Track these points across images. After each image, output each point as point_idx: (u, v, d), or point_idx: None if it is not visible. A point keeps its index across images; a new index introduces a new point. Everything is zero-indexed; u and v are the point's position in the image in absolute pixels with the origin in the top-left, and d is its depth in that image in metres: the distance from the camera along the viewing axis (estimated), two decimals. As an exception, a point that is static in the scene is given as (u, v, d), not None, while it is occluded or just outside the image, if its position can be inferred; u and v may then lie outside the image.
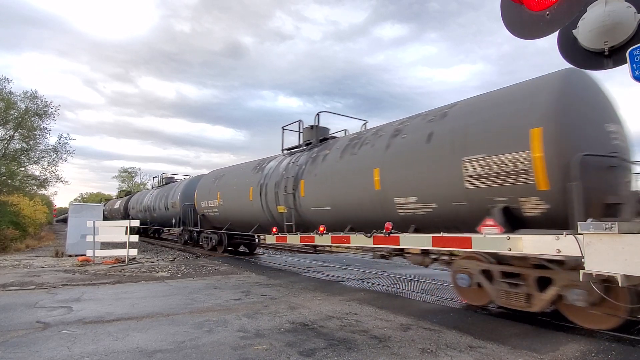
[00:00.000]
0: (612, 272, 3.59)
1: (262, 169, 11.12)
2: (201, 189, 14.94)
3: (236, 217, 12.39)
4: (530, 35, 3.09)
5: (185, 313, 5.43)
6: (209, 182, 14.60)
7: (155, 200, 21.31)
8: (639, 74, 2.75)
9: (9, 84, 22.12)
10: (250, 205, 11.15)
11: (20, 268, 10.36)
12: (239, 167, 13.37)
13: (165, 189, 20.68)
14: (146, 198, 23.67)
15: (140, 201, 24.82)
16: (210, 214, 14.10)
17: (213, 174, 14.95)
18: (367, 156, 7.29)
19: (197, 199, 15.01)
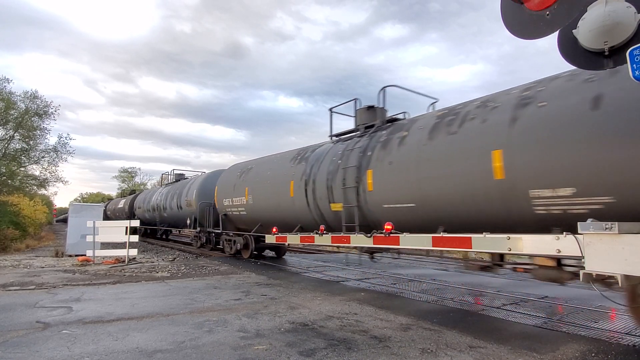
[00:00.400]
0: (612, 272, 3.58)
1: (306, 159, 9.44)
2: (223, 185, 13.20)
3: (270, 217, 10.57)
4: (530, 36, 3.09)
5: (185, 313, 5.44)
6: (232, 177, 12.85)
7: (166, 198, 19.51)
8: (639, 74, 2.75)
9: (9, 84, 22.16)
10: (291, 202, 9.47)
11: (20, 268, 10.36)
12: (273, 158, 11.54)
13: (177, 187, 18.87)
14: (155, 197, 21.79)
15: (148, 200, 23.14)
16: (234, 213, 12.44)
17: (237, 168, 13.23)
18: (476, 135, 5.57)
19: (218, 196, 13.28)
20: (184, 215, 16.84)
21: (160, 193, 21.13)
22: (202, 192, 15.36)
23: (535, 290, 7.50)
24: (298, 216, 9.41)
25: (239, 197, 11.90)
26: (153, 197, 22.27)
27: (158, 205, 20.70)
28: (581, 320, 5.34)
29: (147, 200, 23.40)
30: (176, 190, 18.41)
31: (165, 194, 19.92)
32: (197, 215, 15.18)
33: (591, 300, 6.54)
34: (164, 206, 19.68)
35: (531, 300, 6.68)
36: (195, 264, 11.52)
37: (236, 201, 12.09)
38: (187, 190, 16.79)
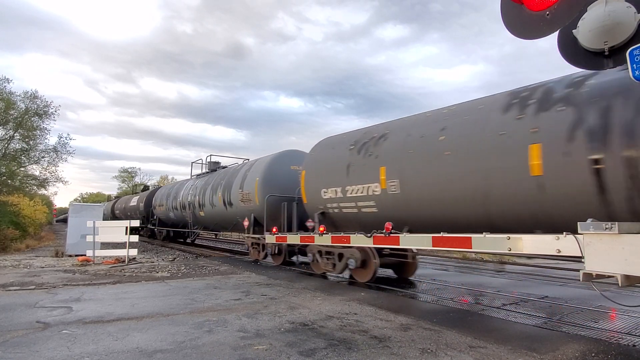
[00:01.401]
0: (612, 272, 3.59)
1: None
2: (320, 167, 8.98)
3: (445, 215, 6.33)
4: (531, 36, 3.09)
5: (185, 313, 5.44)
6: (340, 152, 8.52)
7: (202, 193, 15.16)
8: (639, 74, 2.75)
9: (9, 84, 22.16)
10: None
11: (20, 268, 10.36)
12: (460, 109, 6.53)
13: (218, 177, 14.47)
14: (184, 191, 17.30)
15: (174, 195, 18.43)
16: (347, 211, 8.19)
17: (343, 139, 8.84)
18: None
19: (310, 186, 9.10)
20: (234, 214, 12.56)
21: (193, 186, 16.47)
22: (270, 181, 10.99)
23: (535, 290, 7.50)
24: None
25: (363, 184, 7.62)
26: (182, 191, 17.61)
27: (191, 202, 16.07)
28: (581, 320, 5.34)
29: (171, 196, 18.80)
30: (219, 182, 13.97)
31: (201, 188, 15.48)
32: (265, 213, 10.60)
33: (591, 300, 6.54)
34: (199, 203, 15.24)
35: (531, 300, 6.68)
36: (195, 264, 11.52)
37: (356, 191, 7.78)
38: (241, 180, 12.33)
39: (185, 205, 16.74)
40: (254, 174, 11.74)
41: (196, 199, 15.75)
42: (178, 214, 18.07)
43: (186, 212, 16.83)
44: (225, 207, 13.34)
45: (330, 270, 8.78)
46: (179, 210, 17.74)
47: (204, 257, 13.55)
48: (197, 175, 17.75)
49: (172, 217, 19.11)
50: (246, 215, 11.89)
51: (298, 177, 10.03)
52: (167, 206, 19.28)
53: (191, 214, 16.20)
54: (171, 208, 18.68)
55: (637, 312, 5.68)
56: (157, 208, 21.20)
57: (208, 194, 14.69)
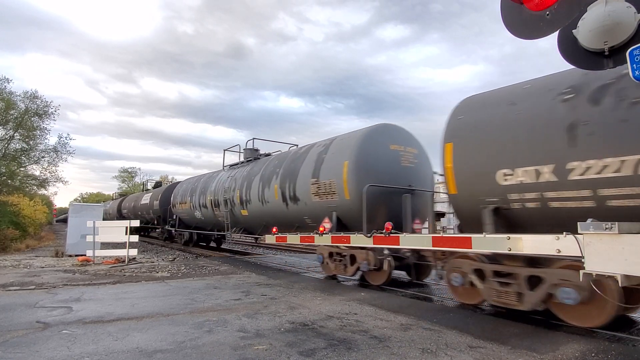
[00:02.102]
0: (612, 272, 3.59)
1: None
2: (491, 135, 5.67)
3: None
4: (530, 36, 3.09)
5: (185, 313, 5.43)
6: (539, 107, 5.18)
7: (246, 186, 11.81)
8: (639, 74, 2.75)
9: (9, 84, 22.17)
10: None
11: (20, 268, 10.36)
12: None
13: (269, 165, 11.20)
14: (216, 185, 13.99)
15: (202, 191, 15.12)
16: (561, 206, 4.91)
17: (536, 87, 5.48)
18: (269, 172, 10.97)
19: (468, 167, 5.89)
20: (301, 212, 9.58)
21: (230, 179, 13.08)
22: (366, 165, 7.99)
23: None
24: None
25: (615, 158, 4.37)
26: (212, 185, 14.44)
27: (228, 199, 12.79)
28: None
29: (197, 192, 15.56)
30: (273, 170, 10.62)
31: (243, 180, 12.13)
32: (364, 210, 7.38)
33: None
34: (241, 199, 11.99)
35: (531, 300, 6.67)
36: (195, 264, 11.52)
37: (594, 170, 4.53)
38: (313, 167, 9.06)
39: (219, 202, 13.42)
40: (338, 156, 8.42)
41: (235, 194, 12.34)
42: (208, 214, 14.71)
43: (220, 211, 13.41)
44: (285, 203, 9.91)
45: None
46: (209, 208, 14.46)
47: (204, 257, 13.55)
48: (231, 165, 14.51)
49: (199, 217, 15.72)
50: (324, 214, 8.58)
51: (401, 160, 8.31)
52: (192, 204, 15.99)
53: (228, 212, 12.73)
54: (197, 206, 15.45)
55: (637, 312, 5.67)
56: (177, 206, 17.81)
57: (256, 188, 11.29)
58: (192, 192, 16.37)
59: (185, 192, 17.19)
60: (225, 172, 14.36)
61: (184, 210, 17.15)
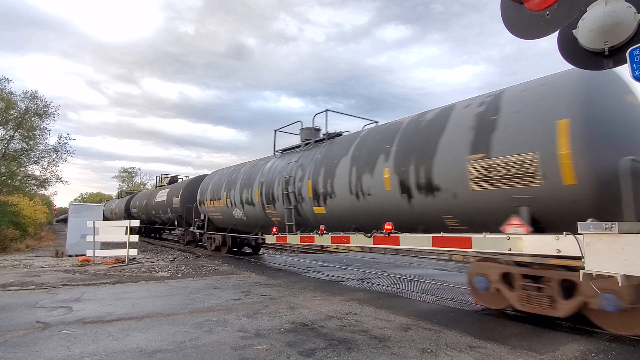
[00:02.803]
0: (612, 272, 3.58)
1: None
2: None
3: None
4: (531, 36, 3.09)
5: (185, 313, 5.43)
6: None
7: (327, 172, 8.53)
8: (639, 74, 2.75)
9: (9, 84, 22.18)
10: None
11: (20, 268, 10.36)
12: None
13: (367, 141, 7.97)
14: (268, 175, 10.79)
15: (244, 184, 11.85)
16: None
17: None
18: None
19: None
20: (443, 208, 6.20)
21: (292, 166, 9.82)
22: (606, 129, 4.79)
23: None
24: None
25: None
26: (258, 176, 11.26)
27: (294, 192, 9.49)
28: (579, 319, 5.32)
29: (237, 185, 12.31)
30: (380, 148, 7.35)
31: (317, 165, 8.95)
32: (632, 192, 4.32)
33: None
34: (317, 191, 8.70)
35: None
36: (195, 264, 11.52)
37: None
38: (472, 137, 5.72)
39: (275, 196, 10.26)
40: (536, 115, 5.15)
41: (303, 185, 9.09)
42: (254, 212, 11.40)
43: (277, 209, 10.30)
44: (406, 195, 6.64)
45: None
46: (256, 205, 11.16)
47: (204, 257, 13.55)
48: (286, 150, 11.17)
49: (239, 217, 12.41)
50: (502, 210, 5.35)
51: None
52: (230, 200, 12.68)
53: (291, 210, 9.56)
54: (237, 203, 12.24)
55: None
56: (205, 204, 14.61)
57: (344, 175, 7.90)
58: (228, 185, 12.97)
59: (218, 186, 13.77)
60: (280, 158, 10.99)
61: (217, 208, 13.68)
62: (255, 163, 12.42)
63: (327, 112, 10.10)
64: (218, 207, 13.74)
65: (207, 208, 14.65)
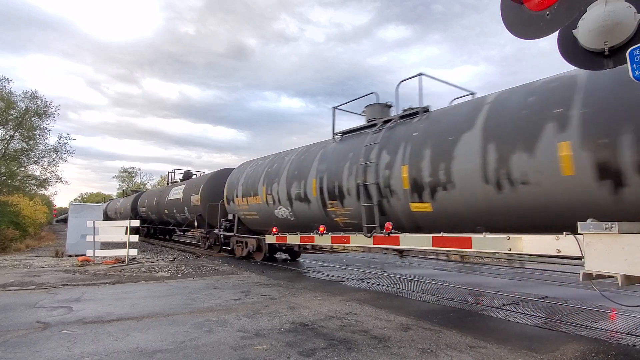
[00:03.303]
0: (612, 272, 3.59)
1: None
2: None
3: None
4: (531, 36, 3.09)
5: (185, 313, 5.43)
6: None
7: (438, 154, 6.12)
8: (639, 74, 2.75)
9: (9, 84, 22.18)
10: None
11: (20, 268, 10.36)
12: None
13: (508, 110, 5.48)
14: (335, 160, 8.46)
15: (297, 174, 9.53)
16: None
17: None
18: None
19: None
20: None
21: (370, 149, 7.51)
22: None
23: (535, 290, 7.50)
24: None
25: None
26: (318, 163, 8.98)
27: (373, 185, 7.18)
28: (581, 320, 5.33)
29: (285, 177, 9.90)
30: (545, 116, 4.96)
31: (416, 147, 6.61)
32: None
33: (591, 300, 6.54)
34: (419, 181, 6.38)
35: (531, 300, 6.68)
36: (195, 264, 11.52)
37: None
38: None
39: (345, 190, 7.90)
40: None
41: (395, 174, 6.81)
42: (309, 211, 9.16)
43: (345, 206, 8.00)
44: (611, 183, 4.44)
45: None
46: (313, 201, 8.94)
47: (204, 257, 13.55)
48: (347, 132, 9.03)
49: (285, 216, 10.09)
50: None
51: None
52: (271, 197, 10.35)
53: (374, 208, 7.15)
54: (282, 200, 9.99)
55: (637, 312, 5.68)
56: (235, 202, 12.26)
57: (467, 157, 5.81)
58: (269, 178, 10.63)
59: (253, 179, 11.46)
60: (341, 142, 8.80)
61: (253, 206, 11.38)
62: (306, 150, 10.07)
63: (421, 75, 7.59)
64: (254, 205, 11.42)
65: (237, 206, 12.36)
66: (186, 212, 16.98)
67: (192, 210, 16.23)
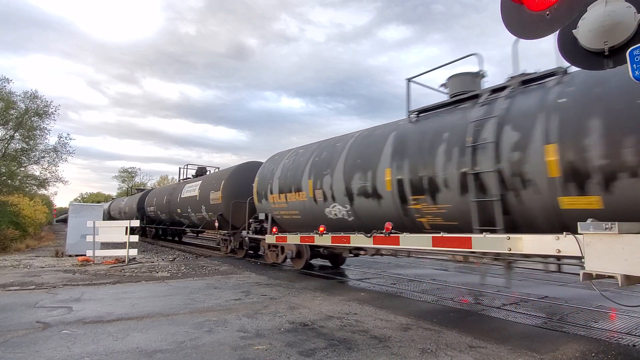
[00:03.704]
0: (612, 272, 3.58)
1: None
2: None
3: None
4: (531, 36, 3.09)
5: (185, 313, 5.43)
6: None
7: None
8: (639, 74, 2.75)
9: (9, 84, 22.19)
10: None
11: (20, 268, 10.36)
12: None
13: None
14: (420, 142, 6.61)
15: (362, 163, 7.65)
16: None
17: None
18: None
19: None
20: None
21: (495, 121, 5.54)
22: None
23: (535, 290, 7.50)
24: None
25: None
26: (401, 139, 7.11)
27: (508, 169, 5.29)
28: (581, 320, 5.33)
29: (346, 166, 8.06)
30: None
31: (569, 108, 4.80)
32: None
33: (591, 300, 6.54)
34: (613, 160, 4.34)
35: (531, 300, 6.68)
36: (195, 264, 11.52)
37: None
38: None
39: (439, 181, 6.23)
40: None
41: (527, 155, 5.16)
42: (379, 208, 7.40)
43: (438, 202, 6.33)
44: None
45: None
46: (387, 196, 7.20)
47: (204, 257, 13.55)
48: (422, 112, 7.43)
49: (340, 217, 8.45)
50: None
51: None
52: (322, 192, 8.72)
53: (494, 204, 5.52)
54: (337, 196, 8.35)
55: (637, 312, 5.68)
56: (270, 199, 10.67)
57: None
58: (317, 169, 8.94)
59: (294, 172, 9.74)
60: (427, 120, 7.06)
61: (294, 204, 9.71)
62: (369, 133, 8.25)
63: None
64: (295, 203, 9.69)
65: (272, 204, 10.53)
66: (203, 212, 14.86)
67: (210, 209, 14.25)
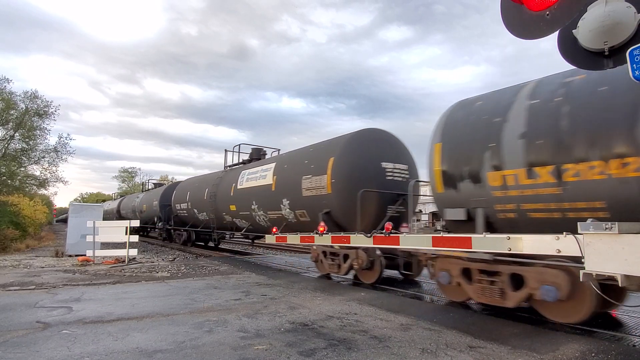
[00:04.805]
0: (612, 272, 3.58)
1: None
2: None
3: None
4: (531, 36, 3.09)
5: (185, 313, 5.43)
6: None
7: None
8: (639, 74, 2.75)
9: (9, 84, 22.19)
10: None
11: (20, 268, 10.36)
12: None
13: None
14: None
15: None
16: None
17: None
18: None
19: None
20: None
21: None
22: None
23: (535, 290, 7.49)
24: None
25: None
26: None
27: None
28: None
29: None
30: None
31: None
32: None
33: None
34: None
35: (531, 300, 6.67)
36: (195, 264, 11.52)
37: None
38: None
39: None
40: None
41: None
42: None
43: None
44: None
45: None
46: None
47: (204, 257, 13.55)
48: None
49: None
50: None
51: None
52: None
53: None
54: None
55: (637, 312, 5.68)
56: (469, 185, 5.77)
57: None
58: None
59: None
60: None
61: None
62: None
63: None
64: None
65: (502, 190, 5.87)
66: (286, 208, 9.82)
67: (301, 204, 9.28)
